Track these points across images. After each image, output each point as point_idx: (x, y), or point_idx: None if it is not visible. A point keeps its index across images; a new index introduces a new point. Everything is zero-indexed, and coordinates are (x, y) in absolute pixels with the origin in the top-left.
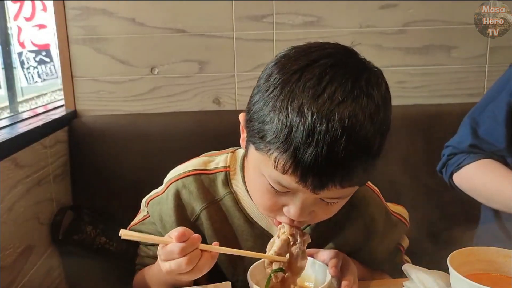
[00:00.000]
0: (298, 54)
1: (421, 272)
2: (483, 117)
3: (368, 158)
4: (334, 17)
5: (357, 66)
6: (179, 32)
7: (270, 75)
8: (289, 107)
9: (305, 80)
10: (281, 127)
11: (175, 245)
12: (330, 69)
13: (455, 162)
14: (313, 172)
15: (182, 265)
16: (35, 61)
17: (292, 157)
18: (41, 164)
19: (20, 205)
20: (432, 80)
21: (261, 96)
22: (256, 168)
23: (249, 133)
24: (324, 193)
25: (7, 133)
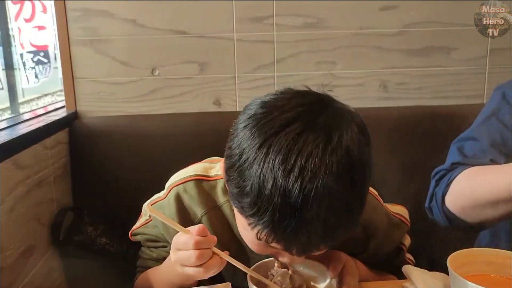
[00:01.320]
0: (266, 117)
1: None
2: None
3: (350, 219)
4: (335, 18)
5: (327, 124)
6: (179, 34)
7: (241, 141)
8: (261, 184)
9: (275, 152)
10: (258, 203)
11: (191, 237)
12: (298, 137)
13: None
14: (295, 244)
15: (192, 258)
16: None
17: (273, 232)
18: (42, 165)
19: (20, 206)
20: (432, 82)
21: (235, 162)
22: (242, 225)
23: (230, 193)
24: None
25: (8, 134)
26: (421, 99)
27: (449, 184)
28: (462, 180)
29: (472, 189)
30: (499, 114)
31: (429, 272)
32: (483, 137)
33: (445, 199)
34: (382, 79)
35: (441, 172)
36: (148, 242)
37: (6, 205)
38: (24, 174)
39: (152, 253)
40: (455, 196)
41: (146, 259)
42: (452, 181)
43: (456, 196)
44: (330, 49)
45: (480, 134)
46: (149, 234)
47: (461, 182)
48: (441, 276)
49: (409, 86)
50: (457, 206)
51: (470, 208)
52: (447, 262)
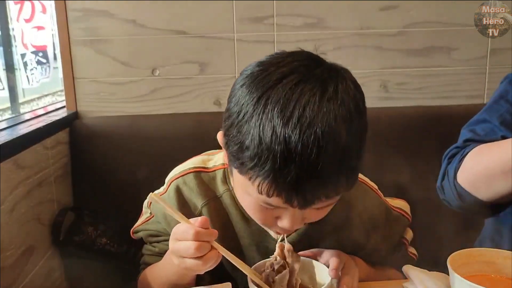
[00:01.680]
0: (263, 73)
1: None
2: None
3: (349, 166)
4: (335, 18)
5: (323, 76)
6: (180, 34)
7: (238, 99)
8: (261, 133)
9: (273, 103)
10: (258, 154)
11: (191, 227)
12: (295, 86)
13: (455, 161)
14: (297, 193)
15: (190, 249)
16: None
17: (274, 182)
18: (42, 165)
19: (21, 206)
20: (432, 82)
21: (233, 120)
22: (242, 188)
23: (229, 156)
24: (312, 206)
25: (8, 134)
26: (422, 99)
27: (461, 160)
28: (474, 155)
29: (484, 162)
30: (508, 96)
31: (429, 272)
32: (493, 117)
33: (457, 175)
34: (383, 79)
35: (453, 151)
36: (150, 237)
37: (6, 205)
38: (25, 174)
39: (154, 248)
40: (468, 171)
41: (149, 255)
42: (464, 156)
43: (468, 171)
44: (330, 49)
45: (490, 115)
46: (151, 229)
47: (474, 157)
48: (441, 276)
49: (409, 86)
50: (469, 181)
51: (482, 182)
52: (447, 262)
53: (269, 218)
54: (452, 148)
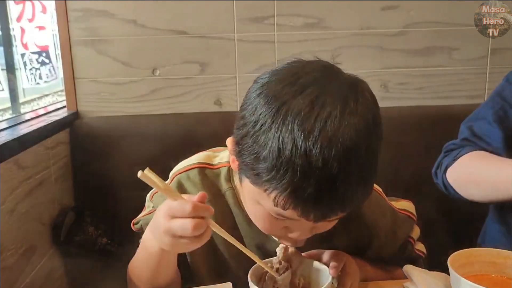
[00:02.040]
0: (281, 83)
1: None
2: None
3: (367, 182)
4: (335, 18)
5: (343, 89)
6: (180, 34)
7: (255, 108)
8: (281, 145)
9: (293, 115)
10: (276, 166)
11: (188, 203)
12: (316, 99)
13: (450, 157)
14: (314, 207)
15: (188, 227)
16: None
17: (292, 195)
18: (43, 165)
19: (22, 206)
20: (433, 82)
21: (249, 130)
22: (253, 198)
23: (241, 165)
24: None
25: (9, 134)
26: (422, 99)
27: (455, 159)
28: (467, 161)
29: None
30: (503, 93)
31: (429, 272)
32: (488, 114)
33: (447, 172)
34: (383, 79)
35: (451, 146)
36: None
37: (7, 205)
38: (25, 174)
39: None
40: (457, 173)
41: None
42: (459, 157)
43: (458, 173)
44: (331, 49)
45: (486, 111)
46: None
47: (466, 163)
48: (441, 276)
49: (410, 86)
50: (456, 182)
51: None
52: (447, 262)
53: (278, 229)
54: (450, 143)
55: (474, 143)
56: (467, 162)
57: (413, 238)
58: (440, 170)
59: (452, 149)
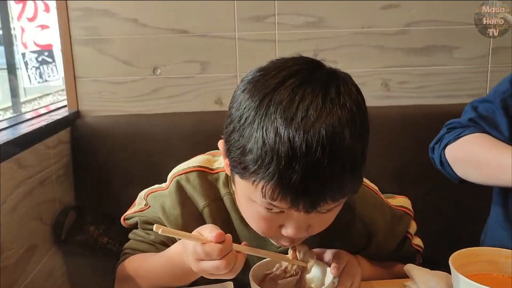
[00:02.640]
0: (264, 77)
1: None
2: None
3: (354, 166)
4: (336, 17)
5: (324, 79)
6: (181, 33)
7: (240, 104)
8: (264, 135)
9: (275, 105)
10: (261, 156)
11: (213, 246)
12: (298, 88)
13: (452, 134)
14: (303, 196)
15: (220, 268)
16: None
17: (279, 184)
18: (44, 165)
19: (23, 206)
20: (434, 81)
21: (235, 125)
22: (245, 195)
23: (231, 162)
24: (317, 209)
25: (10, 133)
26: (423, 98)
27: (457, 138)
28: (470, 141)
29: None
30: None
31: (431, 271)
32: (496, 99)
33: (447, 148)
34: (384, 78)
35: (454, 124)
36: (146, 224)
37: (8, 205)
38: (26, 173)
39: (148, 235)
40: (457, 151)
41: (139, 241)
42: (461, 136)
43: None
44: (332, 48)
45: (494, 96)
46: (148, 216)
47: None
48: (443, 275)
49: (410, 85)
50: (454, 159)
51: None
52: (449, 261)
53: (273, 228)
54: (455, 121)
55: (480, 125)
56: (470, 142)
57: (411, 233)
58: (439, 145)
59: (455, 127)
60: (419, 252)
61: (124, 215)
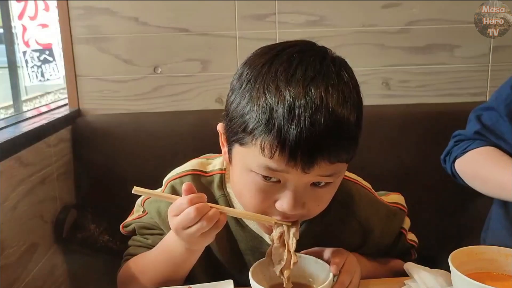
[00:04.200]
0: (265, 50)
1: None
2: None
3: (349, 130)
4: (337, 16)
5: (321, 51)
6: (182, 32)
7: (241, 74)
8: (266, 92)
9: (275, 67)
10: (262, 111)
11: (183, 197)
12: (297, 54)
13: (460, 148)
14: (300, 148)
15: (191, 213)
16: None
17: (278, 136)
18: (45, 163)
19: (24, 204)
20: (434, 79)
21: (236, 94)
22: (243, 166)
23: (231, 133)
24: (314, 170)
25: (11, 132)
26: (424, 96)
27: (464, 152)
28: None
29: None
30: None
31: (430, 269)
32: (500, 107)
33: (456, 162)
34: (385, 76)
35: (461, 136)
36: (143, 229)
37: (9, 203)
38: (27, 171)
39: (146, 240)
40: (466, 165)
41: (138, 247)
42: (468, 150)
43: (466, 166)
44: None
45: (497, 105)
46: (145, 222)
47: (475, 158)
48: (442, 273)
49: (411, 84)
50: (464, 173)
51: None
52: (448, 259)
53: (268, 201)
54: (461, 133)
55: (485, 136)
56: (475, 158)
57: (405, 228)
58: (449, 158)
59: (462, 140)
60: (414, 247)
61: (123, 223)
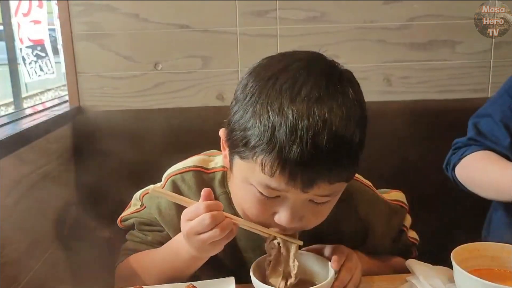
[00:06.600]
0: (271, 62)
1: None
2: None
3: (351, 151)
4: (338, 12)
5: (328, 67)
6: (182, 28)
7: (246, 85)
8: (269, 109)
9: (280, 83)
10: (264, 129)
11: (200, 203)
12: (303, 71)
13: (457, 155)
14: (301, 169)
15: (206, 220)
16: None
17: (279, 157)
18: (45, 160)
19: (24, 201)
20: (436, 76)
21: (240, 105)
22: (243, 178)
23: (232, 144)
24: (314, 191)
25: (12, 129)
26: (425, 93)
27: (461, 158)
28: (472, 161)
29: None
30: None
31: (432, 266)
32: (496, 112)
33: (456, 169)
34: (386, 73)
35: (458, 144)
36: (143, 225)
37: (9, 200)
38: (28, 168)
39: (145, 236)
40: (464, 171)
41: (137, 242)
42: (464, 156)
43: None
44: (333, 43)
45: (493, 110)
46: (144, 217)
47: (472, 163)
48: (444, 270)
49: (412, 80)
50: (463, 178)
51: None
52: (451, 256)
53: (267, 214)
54: (458, 141)
55: (480, 142)
56: (470, 163)
57: (406, 226)
58: (449, 167)
59: (459, 147)
60: (415, 245)
61: (121, 217)
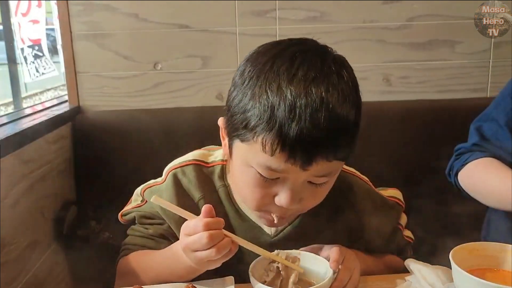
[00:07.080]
0: (267, 48)
1: (423, 267)
2: (487, 123)
3: (347, 129)
4: (337, 12)
5: (323, 50)
6: (182, 28)
7: (243, 71)
8: (268, 90)
9: (278, 66)
10: (264, 109)
11: (200, 219)
12: (299, 53)
13: (460, 161)
14: (300, 146)
15: (203, 239)
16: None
17: (279, 135)
18: (45, 160)
19: (24, 201)
20: (436, 75)
21: (238, 90)
22: (243, 161)
23: (232, 128)
24: (313, 168)
25: (11, 128)
26: (425, 93)
27: (464, 164)
28: (475, 168)
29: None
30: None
31: (431, 266)
32: (500, 115)
33: (458, 175)
34: (385, 72)
35: (461, 150)
36: (144, 219)
37: (9, 200)
38: (28, 168)
39: (147, 229)
40: (467, 178)
41: (139, 237)
42: (467, 163)
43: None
44: (333, 43)
45: (497, 114)
46: (146, 211)
47: (475, 170)
48: (443, 270)
49: (412, 80)
50: (466, 186)
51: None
52: (449, 255)
53: (267, 197)
54: (461, 146)
55: (484, 147)
56: (473, 170)
57: (402, 225)
58: (452, 172)
59: (462, 153)
60: (410, 244)
61: (121, 212)
